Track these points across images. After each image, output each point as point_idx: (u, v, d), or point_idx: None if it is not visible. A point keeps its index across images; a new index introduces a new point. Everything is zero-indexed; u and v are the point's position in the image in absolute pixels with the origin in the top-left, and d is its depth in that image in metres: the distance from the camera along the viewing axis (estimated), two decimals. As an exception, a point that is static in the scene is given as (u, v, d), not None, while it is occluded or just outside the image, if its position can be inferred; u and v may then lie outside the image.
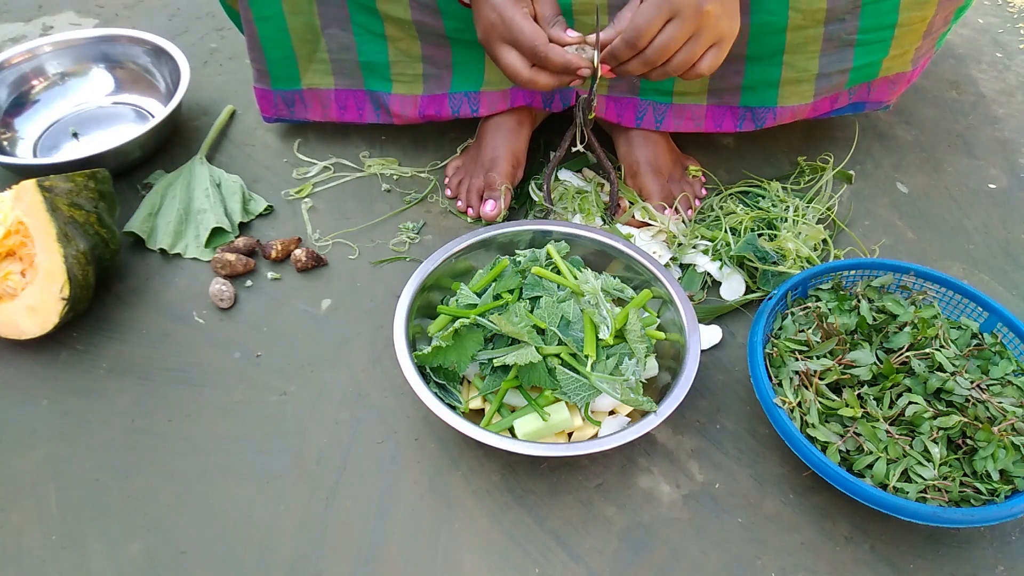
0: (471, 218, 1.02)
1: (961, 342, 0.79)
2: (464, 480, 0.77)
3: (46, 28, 1.39)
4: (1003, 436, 0.69)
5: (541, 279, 0.80)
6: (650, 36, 0.74)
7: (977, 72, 1.33)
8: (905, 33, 0.90)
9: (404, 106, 1.01)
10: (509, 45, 0.78)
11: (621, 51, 0.76)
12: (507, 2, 0.77)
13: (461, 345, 0.76)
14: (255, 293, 0.93)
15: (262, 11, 0.95)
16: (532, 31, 0.76)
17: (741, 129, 0.99)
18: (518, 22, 0.76)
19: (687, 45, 0.75)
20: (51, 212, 0.83)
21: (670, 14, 0.73)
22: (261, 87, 1.04)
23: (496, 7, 0.77)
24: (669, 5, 0.72)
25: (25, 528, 0.73)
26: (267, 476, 0.77)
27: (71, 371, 0.85)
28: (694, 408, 0.83)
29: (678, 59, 0.76)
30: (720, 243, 0.95)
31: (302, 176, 1.08)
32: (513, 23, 0.77)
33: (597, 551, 0.72)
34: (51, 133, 1.12)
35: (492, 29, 0.79)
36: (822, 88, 0.94)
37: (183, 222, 0.99)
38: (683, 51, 0.75)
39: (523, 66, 0.78)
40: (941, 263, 1.00)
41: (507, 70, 0.80)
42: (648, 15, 0.73)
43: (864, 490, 0.67)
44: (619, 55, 0.77)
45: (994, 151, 1.17)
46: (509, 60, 0.79)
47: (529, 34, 0.76)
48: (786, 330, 0.81)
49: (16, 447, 0.78)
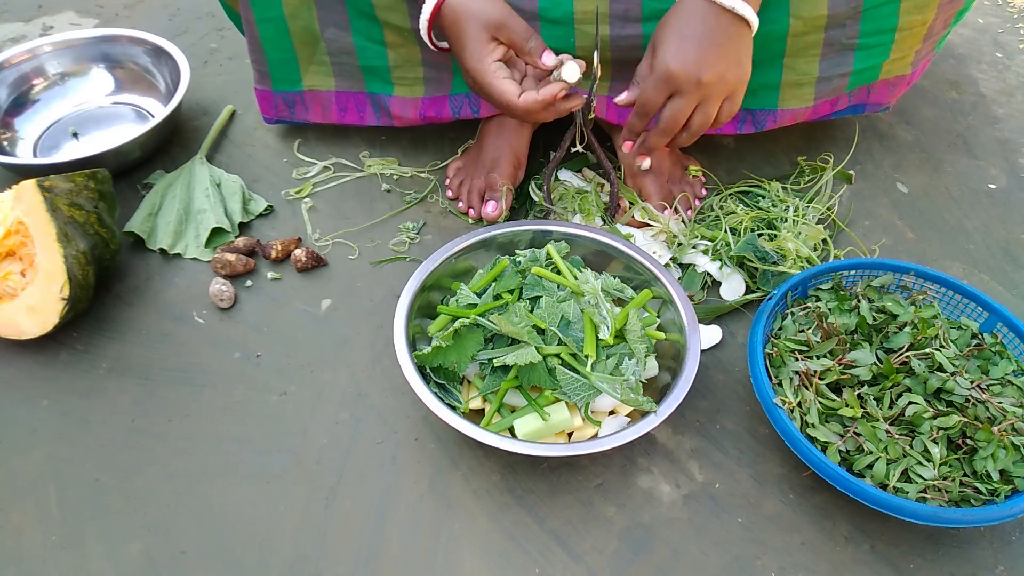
0: (472, 219, 1.02)
1: (961, 342, 0.79)
2: (464, 480, 0.77)
3: (46, 28, 1.39)
4: (1003, 436, 0.69)
5: (541, 279, 0.80)
6: (656, 109, 0.78)
7: (977, 72, 1.33)
8: (905, 37, 0.90)
9: (405, 108, 1.01)
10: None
11: (636, 125, 0.81)
12: (476, 62, 0.79)
13: (461, 345, 0.76)
14: (255, 293, 0.93)
15: (263, 12, 0.95)
16: (500, 94, 0.79)
17: (741, 131, 0.99)
18: (487, 87, 0.79)
19: (698, 111, 0.78)
20: (51, 212, 0.83)
21: (669, 92, 0.77)
22: (262, 88, 1.04)
23: (469, 71, 0.80)
24: (667, 86, 0.76)
25: (25, 528, 0.73)
26: (267, 476, 0.77)
27: (71, 371, 0.85)
28: (694, 408, 0.83)
29: (695, 124, 0.79)
30: (720, 243, 0.95)
31: (302, 176, 1.08)
32: (483, 89, 0.80)
33: (597, 551, 0.72)
34: (51, 133, 1.12)
35: (472, 86, 0.82)
36: (822, 91, 0.94)
37: (183, 222, 0.99)
38: (696, 117, 0.78)
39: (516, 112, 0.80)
40: (941, 263, 1.00)
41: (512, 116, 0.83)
42: (649, 96, 0.78)
43: (864, 490, 0.67)
44: (635, 129, 0.82)
45: (994, 151, 1.17)
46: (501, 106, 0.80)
47: (499, 99, 0.79)
48: (786, 330, 0.81)
49: (16, 447, 0.78)
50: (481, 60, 0.78)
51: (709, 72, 0.75)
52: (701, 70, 0.75)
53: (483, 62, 0.78)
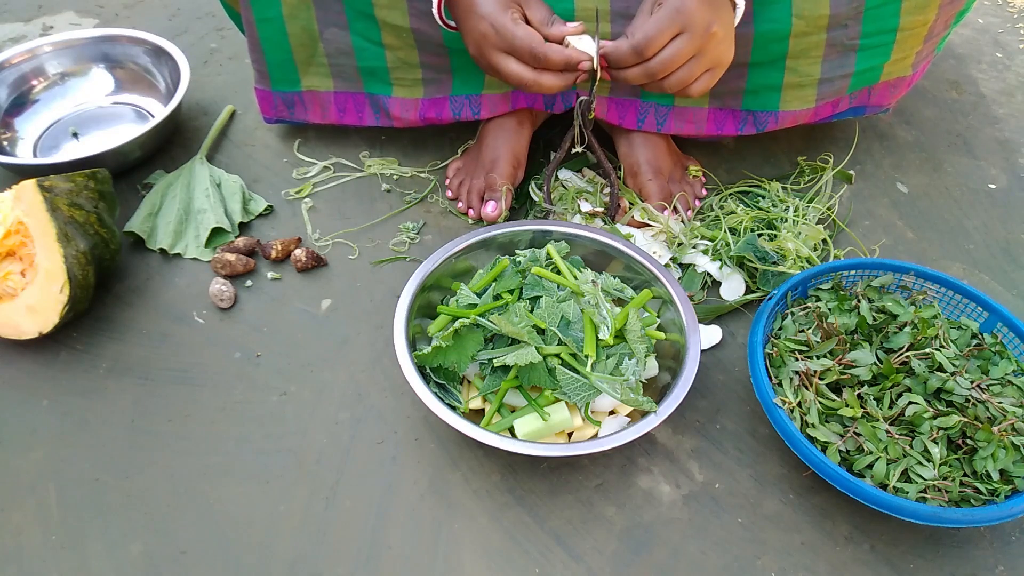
0: (472, 219, 1.02)
1: (961, 342, 0.79)
2: (464, 480, 0.77)
3: (46, 28, 1.39)
4: (1003, 436, 0.69)
5: (541, 279, 0.80)
6: (658, 46, 0.75)
7: (977, 72, 1.33)
8: (906, 37, 0.90)
9: (405, 109, 1.01)
10: (506, 53, 0.78)
11: (626, 56, 0.76)
12: (496, 11, 0.77)
13: (461, 345, 0.76)
14: (255, 293, 0.93)
15: (263, 13, 0.95)
16: (526, 34, 0.76)
17: (743, 132, 0.99)
18: (510, 28, 0.76)
19: (688, 63, 0.76)
20: (51, 212, 0.83)
21: (680, 28, 0.74)
22: (262, 88, 1.04)
23: (486, 16, 0.77)
24: (681, 18, 0.73)
25: (25, 528, 0.73)
26: (267, 476, 0.77)
27: (71, 371, 0.85)
28: (694, 408, 0.83)
29: (677, 76, 0.76)
30: (720, 243, 0.95)
31: (302, 176, 1.08)
32: (505, 29, 0.76)
33: (597, 551, 0.72)
34: (51, 133, 1.12)
35: (485, 40, 0.78)
36: (824, 92, 0.94)
37: (183, 222, 0.99)
38: (683, 68, 0.76)
39: (526, 71, 0.78)
40: (941, 263, 1.00)
41: (510, 78, 0.79)
42: (660, 25, 0.73)
43: (864, 490, 0.67)
44: (623, 60, 0.77)
45: (994, 151, 1.17)
46: (510, 68, 0.78)
47: (524, 37, 0.76)
48: (786, 330, 0.81)
49: (16, 447, 0.78)
50: (502, 10, 0.77)
51: (717, 26, 0.74)
52: (711, 20, 0.74)
53: (503, 12, 0.77)
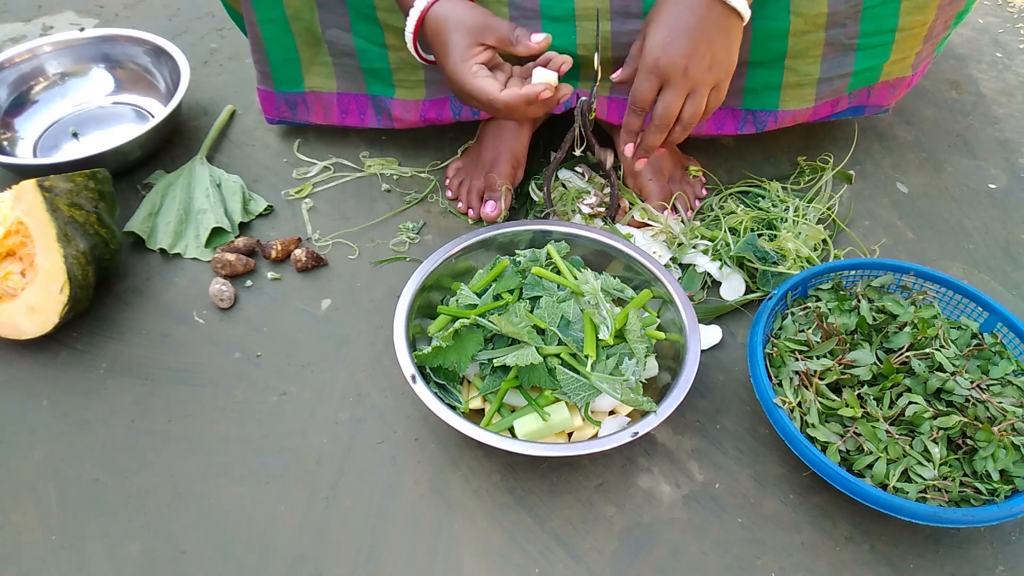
0: (472, 219, 1.02)
1: (961, 342, 0.79)
2: (464, 480, 0.77)
3: (46, 28, 1.39)
4: (1003, 436, 0.69)
5: (541, 279, 0.80)
6: (647, 103, 0.79)
7: (977, 72, 1.33)
8: (906, 37, 0.90)
9: (406, 110, 1.02)
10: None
11: (632, 121, 0.81)
12: (456, 65, 0.78)
13: (461, 345, 0.76)
14: (255, 293, 0.93)
15: (265, 13, 0.95)
16: (481, 90, 0.77)
17: (742, 132, 0.99)
18: (468, 85, 0.78)
19: (688, 102, 0.78)
20: (51, 212, 0.83)
21: (659, 84, 0.77)
22: (264, 89, 1.04)
23: (448, 73, 0.80)
24: (657, 76, 0.77)
25: (25, 528, 0.73)
26: (267, 476, 0.77)
27: (71, 371, 0.85)
28: (694, 408, 0.83)
29: (685, 116, 0.79)
30: (720, 243, 0.95)
31: (302, 176, 1.08)
32: (464, 86, 0.78)
33: (597, 551, 0.72)
34: (51, 133, 1.12)
35: (454, 89, 0.81)
36: (823, 92, 0.94)
37: (183, 222, 0.99)
38: (688, 108, 0.78)
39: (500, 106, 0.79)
40: (941, 263, 1.00)
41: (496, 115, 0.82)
42: (640, 89, 0.78)
43: (864, 490, 0.67)
44: (632, 127, 0.82)
45: (994, 151, 1.17)
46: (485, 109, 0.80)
47: (480, 93, 0.78)
48: (786, 330, 0.81)
49: (16, 447, 0.78)
50: (463, 62, 0.78)
51: (695, 62, 0.75)
52: (687, 60, 0.75)
53: (464, 64, 0.78)
